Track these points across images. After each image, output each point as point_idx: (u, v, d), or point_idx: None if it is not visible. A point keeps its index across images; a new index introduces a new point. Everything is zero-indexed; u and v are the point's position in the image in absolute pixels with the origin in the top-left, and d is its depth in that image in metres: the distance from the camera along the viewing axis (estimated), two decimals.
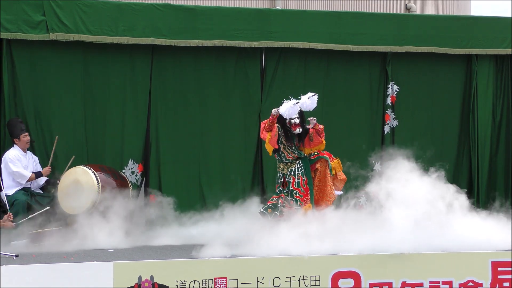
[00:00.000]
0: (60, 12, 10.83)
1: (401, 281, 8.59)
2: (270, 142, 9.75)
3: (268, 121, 9.76)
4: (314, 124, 9.83)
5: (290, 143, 9.84)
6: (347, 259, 8.55)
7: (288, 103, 9.61)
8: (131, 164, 11.28)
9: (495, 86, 12.59)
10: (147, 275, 8.07)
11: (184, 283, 8.16)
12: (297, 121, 9.76)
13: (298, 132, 9.79)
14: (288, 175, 9.88)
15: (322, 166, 9.94)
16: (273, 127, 9.72)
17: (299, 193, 9.80)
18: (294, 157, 9.87)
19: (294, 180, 9.84)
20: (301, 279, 8.42)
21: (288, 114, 9.61)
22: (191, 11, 11.43)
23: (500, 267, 8.75)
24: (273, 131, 9.72)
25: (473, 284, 8.69)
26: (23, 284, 7.86)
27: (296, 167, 9.87)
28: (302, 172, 9.84)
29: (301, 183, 9.82)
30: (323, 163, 9.94)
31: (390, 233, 8.87)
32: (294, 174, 9.85)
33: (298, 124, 9.76)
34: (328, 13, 12.31)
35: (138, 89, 11.38)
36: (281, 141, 9.82)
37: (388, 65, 12.23)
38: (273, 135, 9.71)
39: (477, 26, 12.38)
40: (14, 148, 10.57)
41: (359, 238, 8.81)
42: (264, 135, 9.84)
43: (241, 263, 8.40)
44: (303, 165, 9.88)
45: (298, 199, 9.76)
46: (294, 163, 9.88)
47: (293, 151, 9.85)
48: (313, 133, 9.85)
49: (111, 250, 9.44)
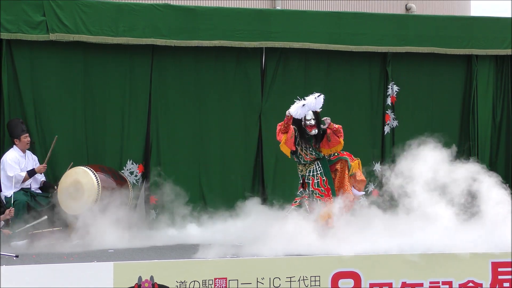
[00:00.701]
0: (60, 12, 10.83)
1: (401, 281, 8.58)
2: (286, 144, 9.75)
3: (283, 123, 9.77)
4: (329, 124, 9.82)
5: (307, 144, 9.84)
6: (347, 260, 8.55)
7: (298, 103, 9.62)
8: (129, 164, 11.28)
9: (495, 87, 12.59)
10: (147, 275, 8.07)
11: (184, 283, 8.16)
12: (313, 122, 9.76)
13: (314, 133, 9.79)
14: (307, 176, 9.90)
15: (342, 167, 9.94)
16: (289, 129, 9.73)
17: (319, 193, 9.80)
18: (312, 158, 9.87)
19: (313, 181, 9.85)
20: (301, 279, 8.42)
21: (298, 114, 9.63)
22: (191, 11, 11.43)
23: (500, 268, 8.74)
24: (289, 133, 9.73)
25: (473, 285, 8.69)
26: (23, 284, 7.86)
27: (314, 167, 9.87)
28: (322, 173, 9.85)
29: (321, 183, 9.82)
30: (343, 163, 9.93)
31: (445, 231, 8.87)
32: (313, 175, 9.85)
33: (314, 125, 9.77)
34: (328, 14, 12.31)
35: (138, 89, 11.38)
36: (298, 142, 9.82)
37: (388, 66, 12.23)
38: (289, 137, 9.72)
39: (477, 26, 12.38)
40: (14, 149, 10.56)
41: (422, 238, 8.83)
42: (280, 137, 9.85)
43: (241, 263, 8.40)
44: (322, 166, 9.88)
45: (318, 199, 9.77)
46: (312, 164, 9.88)
47: (311, 153, 9.86)
48: (330, 134, 9.83)
49: (111, 251, 9.44)
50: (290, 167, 11.80)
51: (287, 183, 11.58)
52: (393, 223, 9.24)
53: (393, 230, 9.05)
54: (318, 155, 9.87)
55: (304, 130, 9.78)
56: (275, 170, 11.83)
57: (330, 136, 9.83)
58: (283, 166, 11.82)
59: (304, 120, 9.75)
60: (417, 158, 9.58)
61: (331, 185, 9.81)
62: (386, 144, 12.21)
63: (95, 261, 8.47)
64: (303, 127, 9.78)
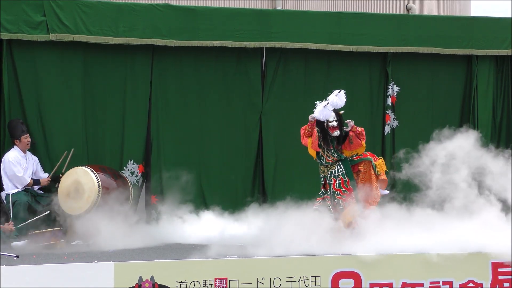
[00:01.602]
0: (60, 12, 10.83)
1: (401, 281, 8.58)
2: (312, 147, 9.80)
3: (307, 127, 9.80)
4: (352, 127, 9.82)
5: (329, 146, 9.85)
6: (348, 260, 8.55)
7: (320, 106, 9.65)
8: (130, 164, 11.28)
9: (495, 87, 12.59)
10: (147, 275, 8.07)
11: (185, 283, 8.16)
12: (335, 124, 9.77)
13: (336, 134, 9.80)
14: (328, 177, 9.92)
15: (366, 168, 9.94)
16: (313, 132, 9.75)
17: (341, 194, 9.82)
18: (333, 160, 9.89)
19: (334, 182, 9.86)
20: (302, 279, 8.42)
21: (323, 116, 9.67)
22: (191, 11, 11.43)
23: (500, 268, 8.74)
24: (313, 136, 9.76)
25: (473, 285, 8.69)
26: (24, 284, 7.86)
27: (336, 168, 9.89)
28: (343, 173, 9.86)
29: (342, 184, 9.84)
30: (366, 164, 9.93)
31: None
32: (335, 175, 9.87)
33: (336, 127, 9.78)
34: (328, 14, 12.31)
35: (138, 89, 11.37)
36: (320, 144, 9.85)
37: (389, 66, 12.23)
38: (313, 140, 9.76)
39: (477, 26, 12.38)
40: (14, 149, 10.57)
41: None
42: (305, 140, 9.89)
43: (242, 263, 8.40)
44: (344, 167, 9.89)
45: (340, 199, 9.80)
46: (334, 165, 9.90)
47: (332, 154, 9.88)
48: (353, 136, 9.83)
49: (112, 251, 9.44)
50: (290, 167, 11.84)
51: (287, 184, 11.58)
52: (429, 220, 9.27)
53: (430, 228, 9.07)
54: (340, 156, 9.88)
55: (327, 131, 9.80)
56: (275, 171, 11.82)
57: (352, 139, 9.83)
58: (283, 166, 11.83)
59: (326, 122, 9.76)
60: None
61: (353, 185, 9.83)
62: (386, 144, 12.21)
63: (95, 261, 8.47)
64: (325, 128, 9.80)
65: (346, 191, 9.79)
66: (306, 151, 11.79)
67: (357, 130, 9.80)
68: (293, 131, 11.85)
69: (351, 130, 9.81)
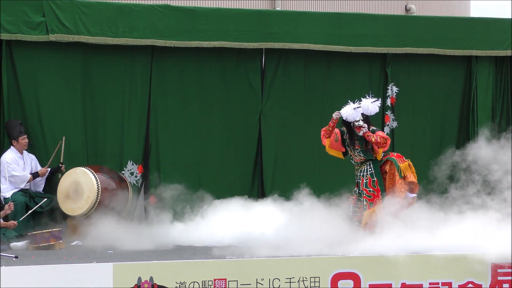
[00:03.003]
0: (60, 13, 10.83)
1: (401, 282, 8.58)
2: (331, 147, 9.88)
3: (327, 127, 9.87)
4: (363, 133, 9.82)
5: (355, 145, 9.91)
6: (347, 260, 8.55)
7: (349, 106, 9.71)
8: (130, 165, 11.28)
9: (495, 88, 12.58)
10: (146, 276, 8.07)
11: (184, 284, 8.16)
12: (361, 123, 9.79)
13: (362, 134, 9.83)
14: (358, 176, 9.99)
15: (391, 168, 9.93)
16: (332, 133, 9.83)
17: (367, 194, 9.86)
18: (361, 160, 9.93)
19: (362, 181, 9.91)
20: (301, 280, 8.42)
21: (349, 117, 9.72)
22: (191, 12, 11.43)
23: (499, 269, 8.74)
24: (332, 137, 9.85)
25: (472, 286, 8.69)
26: (23, 285, 7.85)
27: (365, 168, 9.92)
28: (372, 173, 9.89)
29: (370, 183, 9.87)
30: (392, 165, 9.93)
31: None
32: (363, 175, 9.92)
33: (362, 126, 9.80)
34: (327, 14, 12.31)
35: (138, 90, 11.37)
36: (347, 144, 9.90)
37: (388, 67, 12.23)
38: (332, 141, 9.86)
39: (476, 27, 12.38)
40: (11, 150, 10.56)
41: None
42: (324, 141, 9.98)
43: (241, 264, 8.40)
44: (373, 166, 9.91)
45: (365, 199, 9.84)
46: (364, 164, 9.94)
47: (359, 154, 9.90)
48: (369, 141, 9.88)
49: (111, 251, 9.44)
50: (289, 168, 11.84)
51: (286, 184, 11.57)
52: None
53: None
54: (368, 156, 9.90)
55: (353, 130, 9.83)
56: (274, 171, 11.82)
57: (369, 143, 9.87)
58: (282, 167, 11.83)
59: (353, 121, 9.80)
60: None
61: (381, 186, 9.83)
62: None
63: (94, 262, 8.46)
64: (352, 127, 9.83)
65: (373, 191, 9.83)
66: (305, 151, 11.86)
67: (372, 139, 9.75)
68: (292, 131, 11.89)
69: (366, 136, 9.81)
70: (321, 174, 11.89)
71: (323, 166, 11.84)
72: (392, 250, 8.70)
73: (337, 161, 11.82)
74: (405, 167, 9.83)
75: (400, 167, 9.80)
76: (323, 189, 11.27)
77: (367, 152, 9.90)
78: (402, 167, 9.81)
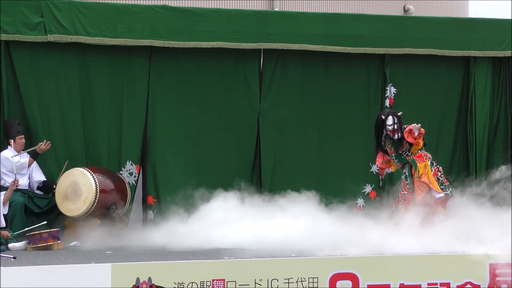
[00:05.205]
0: (58, 13, 10.83)
1: (399, 282, 8.58)
2: (377, 163, 10.44)
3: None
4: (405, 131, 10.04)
5: (388, 153, 10.17)
6: (345, 261, 8.56)
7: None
8: (128, 165, 11.28)
9: (493, 88, 12.59)
10: (145, 276, 8.06)
11: (182, 284, 8.15)
12: (395, 127, 10.00)
13: (397, 137, 10.03)
14: (401, 178, 10.26)
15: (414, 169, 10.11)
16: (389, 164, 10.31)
17: (402, 197, 10.05)
18: (399, 165, 10.17)
19: (402, 183, 10.14)
20: (299, 280, 8.42)
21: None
22: (189, 12, 11.44)
23: (498, 269, 8.74)
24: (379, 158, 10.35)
25: (471, 286, 8.69)
26: (21, 286, 7.84)
27: (404, 170, 10.18)
28: (406, 176, 10.08)
29: (404, 186, 10.06)
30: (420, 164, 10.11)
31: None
32: (402, 177, 10.16)
33: (396, 130, 10.04)
34: (326, 15, 12.31)
35: (136, 90, 11.37)
36: (386, 149, 10.18)
37: (386, 67, 12.23)
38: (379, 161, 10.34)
39: (475, 28, 12.39)
40: (8, 150, 10.55)
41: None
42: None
43: (239, 264, 8.40)
44: (407, 169, 10.09)
45: (401, 203, 10.02)
46: (404, 167, 10.16)
47: (393, 160, 10.19)
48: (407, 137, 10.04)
49: (109, 252, 9.44)
50: (288, 169, 11.83)
51: (284, 185, 11.57)
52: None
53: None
54: (401, 161, 10.11)
55: (387, 135, 10.06)
56: (273, 172, 11.82)
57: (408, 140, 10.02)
58: (281, 167, 11.83)
59: (386, 126, 10.03)
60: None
61: (411, 188, 9.93)
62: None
63: (92, 262, 8.46)
64: (386, 132, 10.07)
65: (407, 193, 9.97)
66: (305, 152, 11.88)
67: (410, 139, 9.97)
68: (291, 132, 11.89)
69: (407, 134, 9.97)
70: (320, 174, 11.89)
71: (321, 166, 11.85)
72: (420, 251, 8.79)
73: (335, 161, 11.89)
74: (421, 167, 9.93)
75: (418, 167, 9.91)
76: (321, 189, 11.28)
77: (400, 157, 10.10)
78: (419, 167, 9.92)
